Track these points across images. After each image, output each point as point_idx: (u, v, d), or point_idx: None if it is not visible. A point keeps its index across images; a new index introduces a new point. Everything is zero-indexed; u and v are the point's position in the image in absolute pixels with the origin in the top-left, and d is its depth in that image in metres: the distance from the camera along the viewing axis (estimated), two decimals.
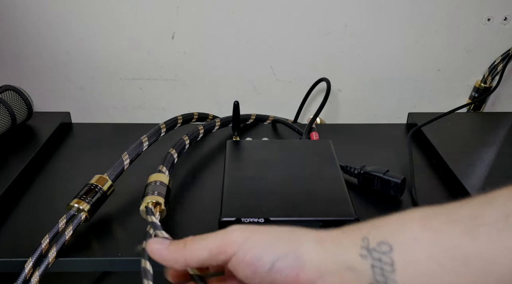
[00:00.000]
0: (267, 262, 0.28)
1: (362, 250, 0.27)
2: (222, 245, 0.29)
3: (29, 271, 0.41)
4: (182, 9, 0.72)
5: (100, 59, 0.76)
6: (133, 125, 0.70)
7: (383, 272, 0.26)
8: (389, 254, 0.26)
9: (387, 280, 0.26)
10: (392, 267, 0.26)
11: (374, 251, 0.26)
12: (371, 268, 0.26)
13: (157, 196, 0.45)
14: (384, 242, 0.26)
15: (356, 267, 0.27)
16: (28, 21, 0.72)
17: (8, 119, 0.62)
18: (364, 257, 0.27)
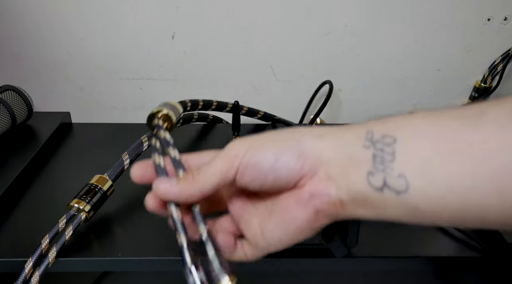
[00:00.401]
0: (271, 158, 0.29)
1: (365, 141, 0.28)
2: (228, 161, 0.30)
3: (29, 271, 0.41)
4: (182, 9, 0.72)
5: (100, 59, 0.76)
6: (133, 125, 0.70)
7: (383, 160, 0.27)
8: (392, 145, 0.27)
9: (385, 168, 0.27)
10: (393, 156, 0.27)
11: (378, 142, 0.28)
12: (372, 157, 0.27)
13: (170, 110, 0.38)
14: (388, 135, 0.27)
15: (357, 157, 0.28)
16: (28, 21, 0.72)
17: (8, 119, 0.62)
18: (367, 147, 0.28)
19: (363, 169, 0.28)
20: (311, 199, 0.30)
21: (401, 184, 0.26)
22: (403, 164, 0.26)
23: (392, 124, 0.28)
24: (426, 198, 0.26)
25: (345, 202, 0.29)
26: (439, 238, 0.47)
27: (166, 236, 0.47)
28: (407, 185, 0.26)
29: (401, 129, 0.27)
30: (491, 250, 0.43)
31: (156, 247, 0.45)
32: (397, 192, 0.27)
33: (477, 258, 0.44)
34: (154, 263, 0.44)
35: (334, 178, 0.29)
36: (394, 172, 0.26)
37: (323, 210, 0.30)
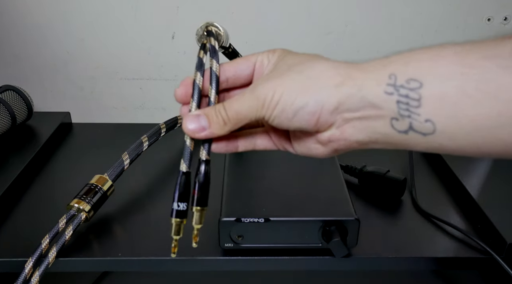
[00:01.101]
0: (290, 114, 0.30)
1: (388, 87, 0.27)
2: (257, 105, 0.30)
3: (29, 271, 0.41)
4: (182, 9, 0.72)
5: (100, 59, 0.76)
6: (133, 125, 0.70)
7: (408, 107, 0.26)
8: (418, 90, 0.26)
9: (411, 114, 0.26)
10: (419, 102, 0.26)
11: (402, 87, 0.27)
12: (396, 103, 0.27)
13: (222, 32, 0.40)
14: (413, 79, 0.26)
15: (379, 103, 0.27)
16: (28, 21, 0.72)
17: (8, 119, 0.62)
18: (390, 93, 0.27)
19: (386, 115, 0.27)
20: (329, 142, 0.31)
21: (428, 127, 0.26)
22: (430, 109, 0.26)
23: (417, 65, 0.27)
24: (452, 137, 0.26)
25: (363, 141, 0.30)
26: (439, 238, 0.47)
27: (166, 236, 0.47)
28: (434, 128, 0.26)
29: (428, 72, 0.26)
30: (491, 250, 0.43)
31: (156, 247, 0.45)
32: (423, 134, 0.27)
33: (477, 258, 0.44)
34: (154, 263, 0.44)
35: (353, 124, 0.29)
36: (421, 117, 0.26)
37: (341, 148, 0.31)
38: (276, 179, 0.48)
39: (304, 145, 0.33)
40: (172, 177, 0.57)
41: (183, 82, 0.35)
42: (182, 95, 0.35)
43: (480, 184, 0.53)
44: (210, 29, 0.38)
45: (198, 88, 0.34)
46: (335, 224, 0.42)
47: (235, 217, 0.42)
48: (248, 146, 0.36)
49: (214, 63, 0.34)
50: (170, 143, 0.63)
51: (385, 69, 0.28)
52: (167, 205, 0.51)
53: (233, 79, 0.35)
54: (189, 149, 0.34)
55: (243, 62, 0.34)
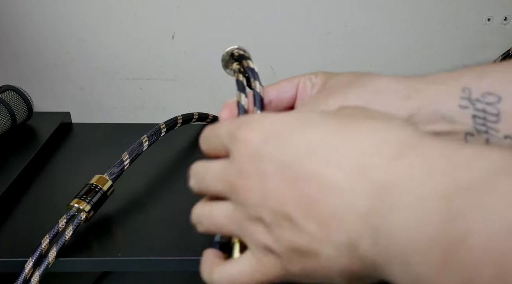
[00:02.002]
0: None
1: (462, 100, 0.25)
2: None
3: (29, 271, 0.41)
4: (182, 9, 0.72)
5: (100, 59, 0.76)
6: (133, 125, 0.70)
7: (485, 122, 0.25)
8: (496, 104, 0.24)
9: (488, 130, 0.25)
10: (497, 117, 0.24)
11: (478, 102, 0.25)
12: (472, 118, 0.25)
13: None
14: (490, 93, 0.24)
15: (452, 117, 0.25)
16: (28, 21, 0.72)
17: (8, 119, 0.62)
18: (465, 107, 0.25)
19: (460, 131, 0.25)
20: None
21: (507, 143, 0.24)
22: (508, 125, 0.24)
23: (493, 78, 0.25)
24: None
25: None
26: None
27: (166, 236, 0.47)
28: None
29: (505, 85, 0.24)
30: None
31: (156, 247, 0.45)
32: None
33: None
34: (154, 263, 0.44)
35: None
36: (500, 133, 0.24)
37: None
38: None
39: None
40: (172, 177, 0.57)
41: (226, 105, 0.33)
42: (227, 117, 0.33)
43: None
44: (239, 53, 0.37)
45: (244, 109, 0.32)
46: None
47: None
48: None
49: (257, 85, 0.33)
50: (170, 143, 0.63)
51: (457, 82, 0.26)
52: (167, 205, 0.52)
53: (276, 102, 0.33)
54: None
55: (286, 84, 0.33)
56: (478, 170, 0.17)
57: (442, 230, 0.17)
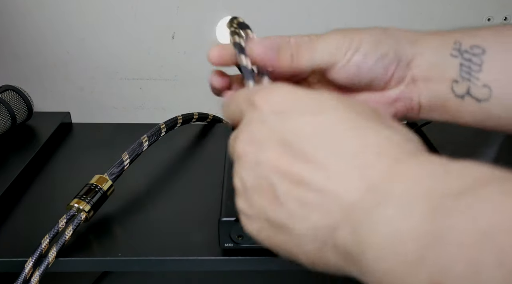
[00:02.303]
0: (370, 63, 0.30)
1: (453, 51, 0.29)
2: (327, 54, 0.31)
3: (29, 271, 0.41)
4: (182, 9, 0.72)
5: (100, 59, 0.76)
6: (133, 125, 0.70)
7: (470, 71, 0.28)
8: (480, 56, 0.28)
9: (471, 78, 0.28)
10: (480, 67, 0.28)
11: (466, 52, 0.29)
12: (459, 66, 0.29)
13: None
14: (477, 46, 0.28)
15: (443, 64, 0.29)
16: (28, 20, 0.72)
17: (8, 119, 0.62)
18: (454, 56, 0.29)
19: (449, 76, 0.29)
20: (395, 102, 0.32)
21: (484, 93, 0.28)
22: (489, 75, 0.28)
23: (482, 36, 0.29)
24: (505, 106, 0.28)
25: (423, 106, 0.31)
26: None
27: (166, 236, 0.47)
28: (490, 94, 0.28)
29: (492, 41, 0.28)
30: None
31: (156, 247, 0.45)
32: (478, 100, 0.28)
33: None
34: (154, 263, 0.44)
35: (418, 83, 0.31)
36: (479, 82, 0.28)
37: (401, 111, 0.32)
38: None
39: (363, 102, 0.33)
40: (172, 177, 0.57)
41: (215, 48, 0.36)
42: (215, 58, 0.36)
43: None
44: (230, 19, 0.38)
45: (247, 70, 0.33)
46: None
47: (235, 217, 0.42)
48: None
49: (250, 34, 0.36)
50: (170, 143, 0.63)
51: (450, 36, 0.30)
52: (167, 205, 0.52)
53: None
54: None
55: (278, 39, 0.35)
56: (468, 178, 0.19)
57: (425, 225, 0.18)
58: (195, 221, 0.48)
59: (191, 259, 0.44)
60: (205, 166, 0.59)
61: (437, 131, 0.64)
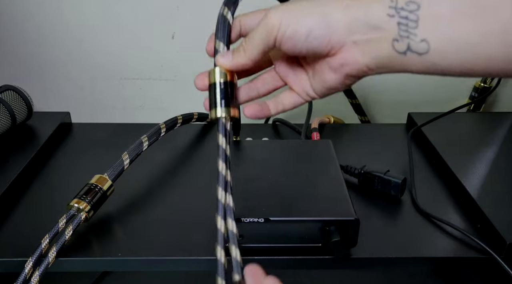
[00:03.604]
0: (303, 34, 0.32)
1: (390, 10, 0.30)
2: (267, 31, 0.33)
3: (29, 271, 0.41)
4: (182, 9, 0.72)
5: (100, 59, 0.76)
6: (133, 125, 0.70)
7: (407, 28, 0.29)
8: (416, 12, 0.29)
9: (409, 35, 0.29)
10: (416, 23, 0.29)
11: (402, 10, 0.29)
12: (397, 25, 0.30)
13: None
14: (412, 1, 0.29)
15: (382, 25, 0.30)
16: (28, 21, 0.72)
17: (8, 119, 0.62)
18: (391, 16, 0.30)
19: (388, 36, 0.30)
20: (341, 67, 0.33)
21: (423, 47, 0.29)
22: (425, 29, 0.29)
23: None
24: (443, 55, 0.29)
25: (371, 66, 0.32)
26: (439, 238, 0.47)
27: (166, 236, 0.47)
28: (428, 47, 0.29)
29: None
30: (491, 250, 0.43)
31: (156, 247, 0.45)
32: (419, 54, 0.30)
33: (477, 258, 0.44)
34: (154, 263, 0.44)
35: (361, 46, 0.32)
36: (417, 37, 0.29)
37: (352, 74, 0.34)
38: (276, 179, 0.48)
39: (319, 78, 0.36)
40: (172, 177, 0.57)
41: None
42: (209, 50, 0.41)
43: (480, 184, 0.53)
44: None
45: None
46: (335, 224, 0.42)
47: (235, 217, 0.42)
48: (278, 108, 0.40)
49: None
50: (170, 143, 0.63)
51: None
52: (167, 205, 0.52)
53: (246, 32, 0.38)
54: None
55: (253, 14, 0.38)
56: None
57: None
58: (195, 221, 0.48)
59: (191, 259, 0.44)
60: (205, 166, 0.59)
61: (437, 131, 0.64)
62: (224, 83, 0.37)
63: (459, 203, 0.52)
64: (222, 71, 0.37)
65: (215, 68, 0.38)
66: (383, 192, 0.52)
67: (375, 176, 0.52)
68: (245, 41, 0.36)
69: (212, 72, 0.38)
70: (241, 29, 0.38)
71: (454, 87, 0.79)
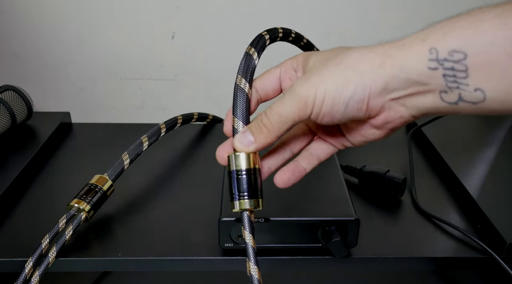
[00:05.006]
0: (341, 107, 0.30)
1: (430, 62, 0.27)
2: (299, 106, 0.30)
3: (29, 271, 0.41)
4: (182, 9, 0.72)
5: (100, 59, 0.76)
6: (133, 125, 0.70)
7: (455, 79, 0.26)
8: (463, 61, 0.26)
9: (459, 86, 0.26)
10: (466, 73, 0.26)
11: (445, 61, 0.26)
12: (443, 77, 0.27)
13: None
14: (456, 51, 0.26)
15: (424, 80, 0.27)
16: (28, 21, 0.72)
17: (8, 119, 0.62)
18: (434, 69, 0.27)
19: (435, 89, 0.27)
20: (385, 124, 0.31)
21: (478, 97, 0.26)
22: (478, 79, 0.26)
23: (458, 35, 0.26)
24: (502, 103, 0.26)
25: (417, 116, 0.30)
26: (439, 238, 0.47)
27: (166, 236, 0.47)
28: (484, 96, 0.26)
29: (470, 41, 0.26)
30: (491, 250, 0.43)
31: (156, 247, 0.45)
32: (473, 103, 0.27)
33: (477, 258, 0.44)
34: (154, 263, 0.44)
35: (403, 102, 0.29)
36: (470, 87, 0.26)
37: (397, 126, 0.31)
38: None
39: (359, 134, 0.33)
40: (172, 177, 0.57)
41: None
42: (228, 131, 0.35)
43: (480, 184, 0.53)
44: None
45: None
46: (335, 224, 0.42)
47: (235, 217, 0.42)
48: (314, 162, 0.36)
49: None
50: (170, 143, 0.63)
51: (424, 44, 0.27)
52: (167, 205, 0.52)
53: (264, 96, 0.36)
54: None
55: (266, 76, 0.35)
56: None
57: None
58: (195, 221, 0.48)
59: (191, 259, 0.44)
60: (205, 166, 0.59)
61: (437, 131, 0.64)
62: (247, 171, 0.32)
63: (459, 203, 0.52)
64: (244, 156, 0.32)
65: (235, 153, 0.32)
66: (383, 192, 0.52)
67: (375, 176, 0.52)
68: (268, 116, 0.31)
69: (232, 158, 0.33)
70: (259, 96, 0.35)
71: None
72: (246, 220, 0.33)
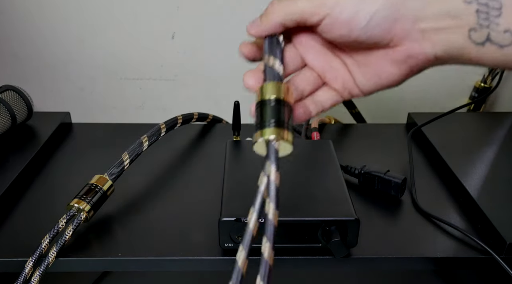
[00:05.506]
0: (362, 21, 0.28)
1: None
2: (314, 5, 0.29)
3: (29, 271, 0.41)
4: (182, 9, 0.72)
5: (100, 59, 0.76)
6: (133, 125, 0.70)
7: (488, 16, 0.26)
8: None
9: (490, 24, 0.26)
10: (499, 11, 0.26)
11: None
12: (476, 13, 0.26)
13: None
14: None
15: (457, 13, 0.27)
16: (28, 21, 0.72)
17: (8, 119, 0.62)
18: (469, 3, 0.26)
19: (465, 25, 0.27)
20: (407, 59, 0.29)
21: (507, 38, 0.26)
22: (509, 18, 0.25)
23: None
24: None
25: (439, 56, 0.29)
26: (439, 238, 0.47)
27: (166, 236, 0.47)
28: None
29: None
30: (491, 250, 0.43)
31: (156, 247, 0.45)
32: (500, 46, 0.26)
33: (477, 258, 0.44)
34: (154, 263, 0.44)
35: (430, 35, 0.28)
36: (500, 27, 0.26)
37: (418, 65, 0.30)
38: None
39: (374, 73, 0.31)
40: (172, 177, 0.57)
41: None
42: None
43: (480, 184, 0.53)
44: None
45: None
46: (335, 224, 0.42)
47: (235, 217, 0.42)
48: (318, 107, 0.34)
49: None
50: (170, 143, 0.63)
51: None
52: (167, 205, 0.52)
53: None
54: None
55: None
56: None
57: None
58: (195, 221, 0.48)
59: (191, 259, 0.44)
60: (205, 166, 0.59)
61: (437, 131, 0.64)
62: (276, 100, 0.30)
63: (459, 203, 0.52)
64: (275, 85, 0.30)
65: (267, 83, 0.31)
66: (383, 192, 0.52)
67: (375, 176, 0.52)
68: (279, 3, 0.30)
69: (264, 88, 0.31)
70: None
71: (454, 87, 0.79)
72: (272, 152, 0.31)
